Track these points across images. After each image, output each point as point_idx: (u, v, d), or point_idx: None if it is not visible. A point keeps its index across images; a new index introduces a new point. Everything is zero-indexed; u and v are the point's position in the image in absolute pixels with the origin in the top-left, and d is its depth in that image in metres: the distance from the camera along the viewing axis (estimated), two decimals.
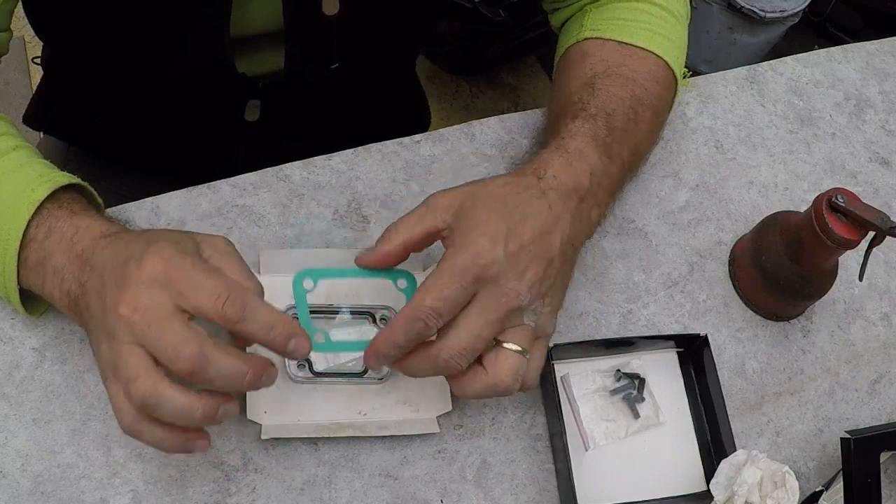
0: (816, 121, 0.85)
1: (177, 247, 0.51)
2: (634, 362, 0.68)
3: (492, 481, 0.63)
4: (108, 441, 0.59)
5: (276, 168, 0.71)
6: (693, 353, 0.69)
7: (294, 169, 0.72)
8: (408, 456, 0.63)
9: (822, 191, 0.64)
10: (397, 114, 0.98)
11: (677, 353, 0.70)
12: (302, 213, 0.70)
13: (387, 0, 0.74)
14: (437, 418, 0.63)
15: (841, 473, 0.65)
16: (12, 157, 0.60)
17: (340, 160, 0.73)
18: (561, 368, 0.67)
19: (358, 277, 0.61)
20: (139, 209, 0.68)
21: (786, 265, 0.68)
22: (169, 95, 0.78)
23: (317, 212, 0.70)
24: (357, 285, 0.64)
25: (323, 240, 0.69)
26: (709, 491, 0.62)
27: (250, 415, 0.60)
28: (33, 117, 0.90)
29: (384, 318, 0.64)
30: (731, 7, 1.70)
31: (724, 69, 0.86)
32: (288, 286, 0.63)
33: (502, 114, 0.78)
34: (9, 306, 0.61)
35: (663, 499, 0.65)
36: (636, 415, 0.66)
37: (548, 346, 0.60)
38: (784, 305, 0.72)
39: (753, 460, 0.61)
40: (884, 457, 0.65)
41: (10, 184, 0.58)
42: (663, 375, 0.69)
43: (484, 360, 0.56)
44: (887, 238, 0.63)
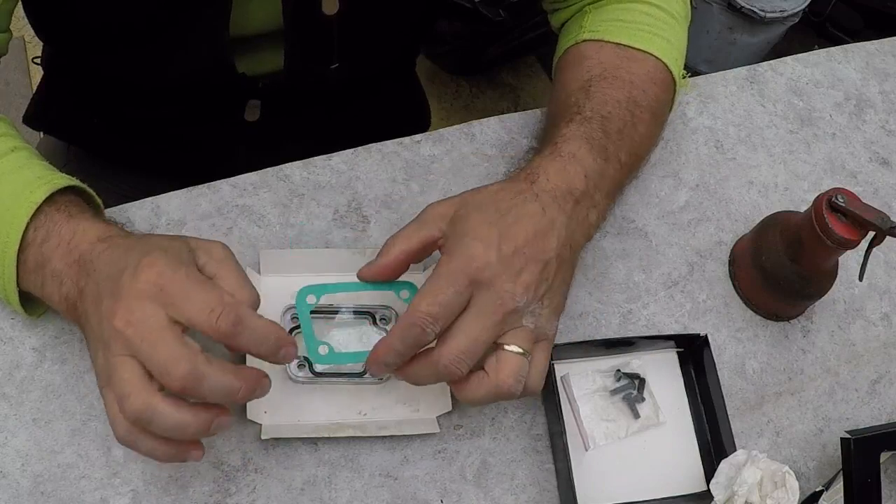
0: (816, 121, 0.85)
1: (172, 258, 0.51)
2: (634, 362, 0.68)
3: (492, 481, 0.63)
4: (108, 441, 0.59)
5: (276, 168, 0.71)
6: (693, 353, 0.69)
7: (294, 169, 0.72)
8: (408, 456, 0.63)
9: (822, 191, 0.64)
10: (397, 114, 0.98)
11: (677, 353, 0.70)
12: (302, 213, 0.70)
13: (387, 0, 0.74)
14: (437, 418, 0.63)
15: (841, 473, 0.65)
16: (11, 158, 0.60)
17: (340, 160, 0.73)
18: (561, 368, 0.67)
19: (361, 291, 0.61)
20: (139, 209, 0.68)
21: (786, 265, 0.68)
22: (169, 95, 0.78)
23: (317, 212, 0.70)
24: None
25: (323, 240, 0.69)
26: (709, 491, 0.62)
27: (250, 415, 0.60)
28: (33, 117, 0.90)
29: (384, 318, 0.64)
30: (731, 7, 1.70)
31: (724, 69, 0.86)
32: (288, 286, 0.63)
33: (502, 114, 0.78)
34: (8, 307, 0.61)
35: (663, 499, 0.65)
36: (636, 415, 0.66)
37: (550, 349, 0.60)
38: (784, 305, 0.72)
39: (753, 460, 0.61)
40: (884, 457, 0.65)
41: (10, 185, 0.58)
42: (663, 375, 0.69)
43: (485, 364, 0.56)
44: (887, 238, 0.63)
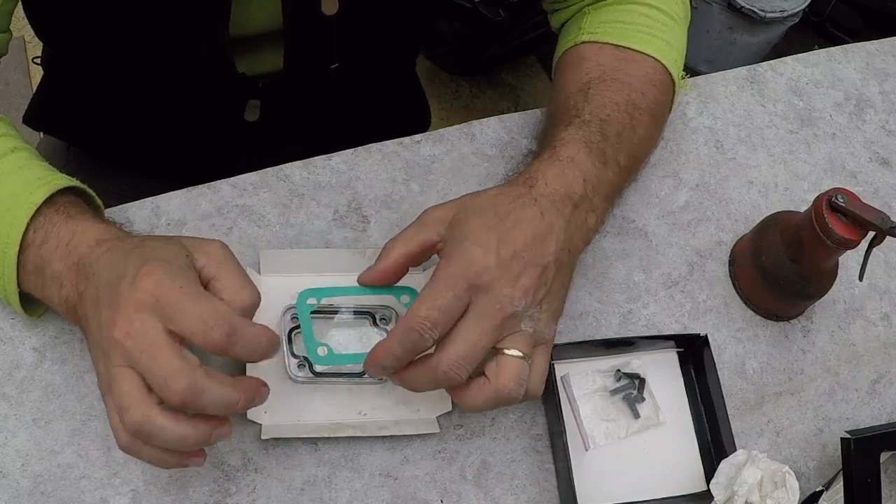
0: (816, 121, 0.85)
1: (169, 267, 0.50)
2: (634, 362, 0.68)
3: (492, 481, 0.63)
4: (108, 441, 0.59)
5: (276, 168, 0.71)
6: (693, 353, 0.69)
7: (294, 169, 0.72)
8: (408, 456, 0.63)
9: (822, 191, 0.64)
10: (397, 114, 0.98)
11: (677, 353, 0.70)
12: (302, 213, 0.70)
13: (386, 0, 0.74)
14: (437, 418, 0.63)
15: (841, 473, 0.65)
16: (11, 158, 0.59)
17: (340, 160, 0.73)
18: (561, 368, 0.67)
19: (361, 295, 0.61)
20: (139, 209, 0.68)
21: (786, 265, 0.68)
22: (169, 95, 0.78)
23: (317, 212, 0.70)
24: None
25: (323, 240, 0.69)
26: (709, 491, 0.62)
27: (250, 415, 0.60)
28: (33, 117, 0.90)
29: (384, 319, 0.64)
30: (731, 7, 1.70)
31: (724, 69, 0.86)
32: (288, 286, 0.63)
33: (502, 114, 0.78)
34: (8, 308, 0.61)
35: (663, 499, 0.65)
36: (636, 415, 0.66)
37: (549, 353, 0.59)
38: (784, 305, 0.72)
39: (753, 460, 0.61)
40: (884, 457, 0.65)
41: (10, 185, 0.57)
42: (663, 375, 0.69)
43: (485, 369, 0.56)
44: (887, 238, 0.63)
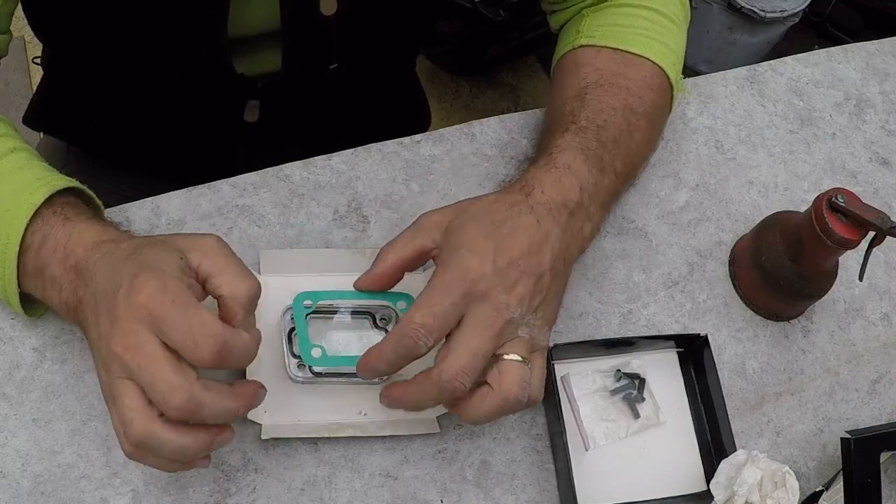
0: (816, 121, 0.85)
1: (161, 278, 0.50)
2: (634, 362, 0.68)
3: (492, 481, 0.63)
4: (108, 441, 0.59)
5: (276, 168, 0.71)
6: (693, 353, 0.69)
7: (294, 169, 0.72)
8: (408, 456, 0.63)
9: (822, 191, 0.64)
10: (397, 114, 0.98)
11: (677, 353, 0.70)
12: (302, 213, 0.70)
13: (385, 0, 0.74)
14: (438, 418, 0.63)
15: (841, 473, 0.65)
16: (11, 159, 0.59)
17: (340, 160, 0.73)
18: (561, 368, 0.67)
19: (358, 299, 0.62)
20: (139, 209, 0.68)
21: (786, 265, 0.68)
22: (169, 95, 0.78)
23: (317, 212, 0.70)
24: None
25: (323, 240, 0.69)
26: (709, 491, 0.62)
27: (250, 415, 0.60)
28: (33, 117, 0.90)
29: (384, 318, 0.64)
30: (731, 7, 1.70)
31: (724, 69, 0.86)
32: (288, 286, 0.63)
33: (502, 114, 0.78)
34: (8, 308, 0.61)
35: (663, 499, 0.65)
36: (636, 415, 0.66)
37: (545, 359, 0.59)
38: (784, 305, 0.72)
39: (753, 460, 0.61)
40: (884, 457, 0.65)
41: (9, 185, 0.57)
42: (663, 375, 0.69)
43: (487, 378, 0.56)
44: (887, 238, 0.63)
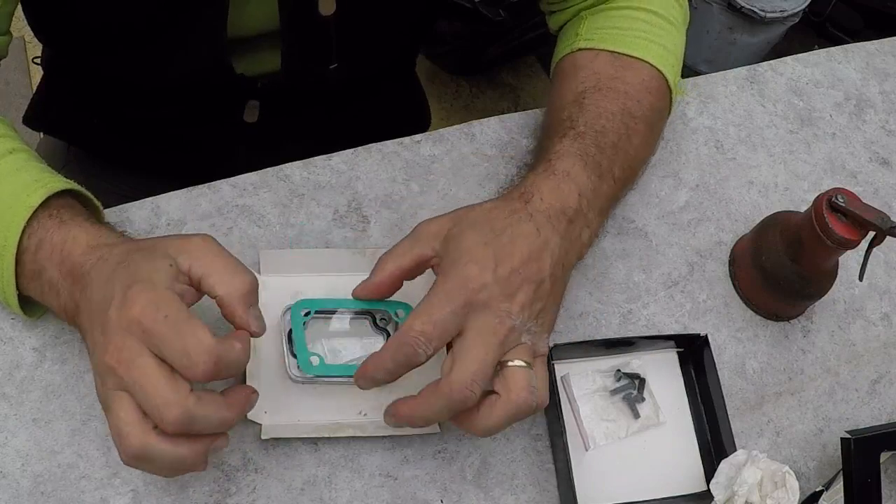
0: (816, 121, 0.85)
1: (152, 291, 0.49)
2: (634, 362, 0.68)
3: (492, 481, 0.63)
4: (108, 441, 0.59)
5: (276, 168, 0.71)
6: (693, 353, 0.69)
7: (294, 169, 0.72)
8: (408, 456, 0.63)
9: (822, 191, 0.64)
10: (397, 114, 0.98)
11: (677, 353, 0.70)
12: (302, 213, 0.70)
13: (385, 0, 0.74)
14: None
15: (841, 473, 0.65)
16: (9, 160, 0.59)
17: (340, 160, 0.73)
18: (561, 368, 0.67)
19: (356, 308, 0.62)
20: (139, 209, 0.68)
21: (786, 265, 0.68)
22: (169, 95, 0.78)
23: (317, 212, 0.70)
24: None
25: (323, 240, 0.69)
26: (709, 491, 0.62)
27: (250, 415, 0.60)
28: (33, 117, 0.90)
29: (384, 319, 0.64)
30: (731, 7, 1.70)
31: (724, 69, 0.86)
32: (288, 286, 0.63)
33: (502, 114, 0.78)
34: (7, 309, 0.61)
35: (663, 499, 0.65)
36: (636, 415, 0.66)
37: (546, 364, 0.59)
38: (784, 305, 0.72)
39: (753, 460, 0.61)
40: (884, 457, 0.65)
41: (8, 186, 0.57)
42: (663, 375, 0.69)
43: (494, 386, 0.56)
44: (887, 238, 0.63)
